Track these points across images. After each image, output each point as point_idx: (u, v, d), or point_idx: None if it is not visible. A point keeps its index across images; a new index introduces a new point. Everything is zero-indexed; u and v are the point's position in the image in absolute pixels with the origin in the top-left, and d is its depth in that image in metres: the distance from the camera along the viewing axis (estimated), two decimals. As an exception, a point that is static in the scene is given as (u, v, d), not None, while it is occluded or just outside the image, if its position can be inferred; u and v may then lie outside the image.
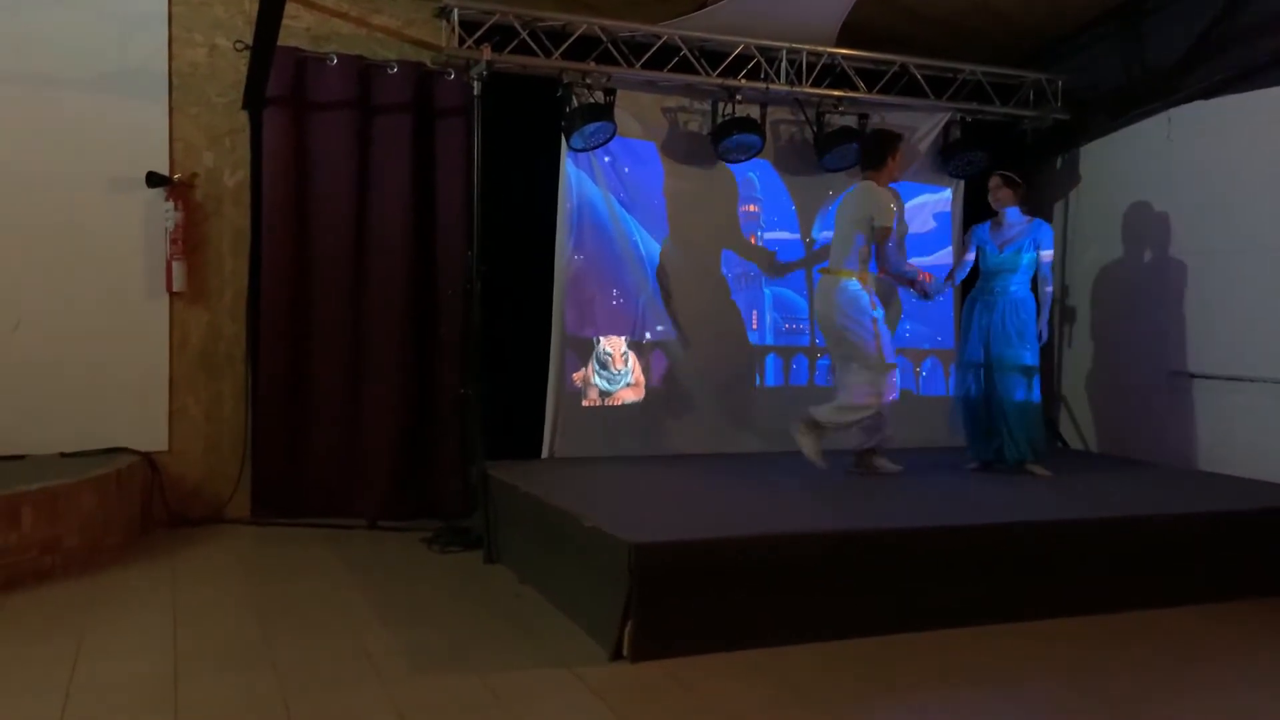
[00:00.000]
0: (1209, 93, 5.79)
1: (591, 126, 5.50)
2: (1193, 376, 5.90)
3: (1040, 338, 5.58)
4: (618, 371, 5.88)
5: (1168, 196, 6.05)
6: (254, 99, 5.42)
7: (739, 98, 5.90)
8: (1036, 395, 5.52)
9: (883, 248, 5.20)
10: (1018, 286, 5.54)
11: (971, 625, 3.88)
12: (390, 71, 5.62)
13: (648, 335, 5.97)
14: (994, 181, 5.66)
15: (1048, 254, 5.58)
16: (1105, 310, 6.51)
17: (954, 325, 6.65)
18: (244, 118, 5.55)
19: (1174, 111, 6.00)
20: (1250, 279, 5.56)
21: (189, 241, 5.47)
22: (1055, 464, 5.75)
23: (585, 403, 5.84)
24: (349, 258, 5.65)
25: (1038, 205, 6.88)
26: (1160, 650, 3.76)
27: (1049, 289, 5.64)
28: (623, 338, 5.92)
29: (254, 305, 5.58)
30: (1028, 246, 5.53)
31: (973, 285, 5.77)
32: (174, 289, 5.45)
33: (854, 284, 5.17)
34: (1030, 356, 5.50)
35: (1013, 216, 5.61)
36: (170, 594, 4.21)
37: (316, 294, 5.62)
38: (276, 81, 5.42)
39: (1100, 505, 4.63)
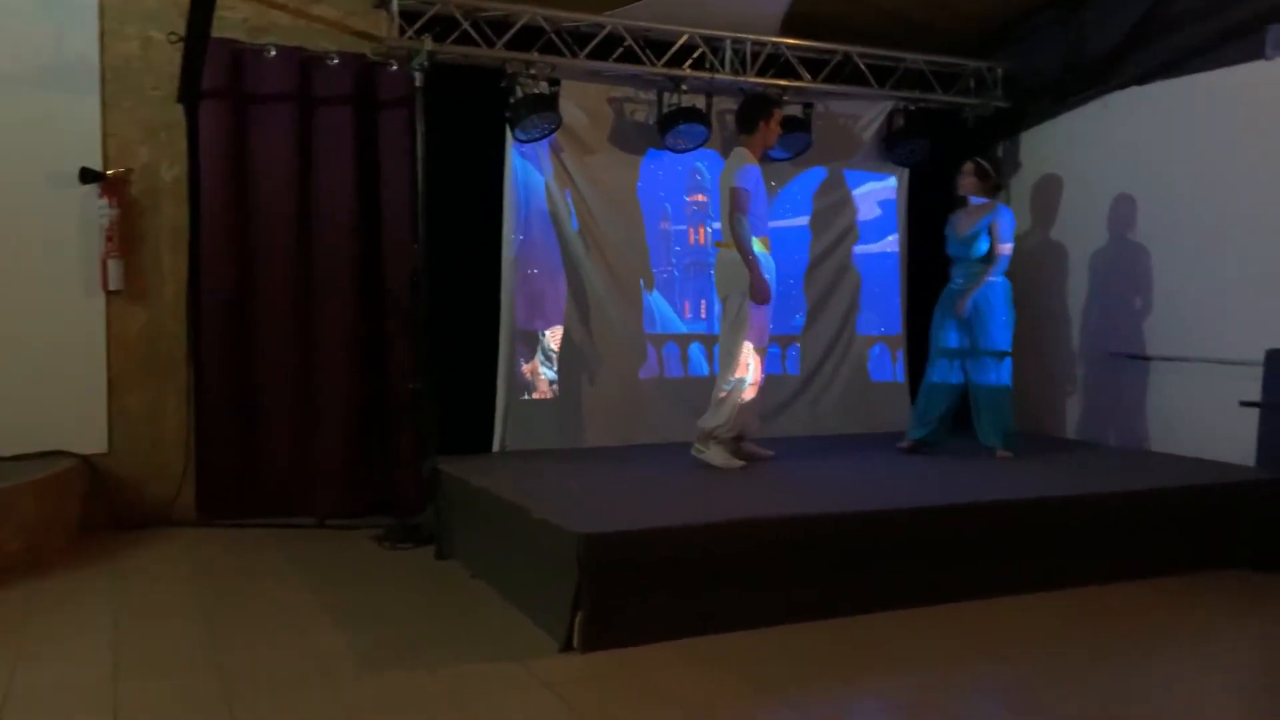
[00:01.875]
0: (1143, 79, 5.89)
1: (536, 117, 5.46)
2: (1133, 358, 6.01)
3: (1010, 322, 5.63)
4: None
5: (1105, 181, 6.16)
6: (190, 92, 5.31)
7: (684, 87, 5.89)
8: (1007, 379, 5.61)
9: (734, 213, 4.99)
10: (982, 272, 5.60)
11: (922, 606, 3.93)
12: (331, 63, 5.54)
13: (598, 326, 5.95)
14: (966, 168, 5.70)
15: (1008, 246, 5.56)
16: (1048, 294, 6.61)
17: (899, 312, 6.72)
18: (180, 111, 5.44)
19: (1110, 97, 6.11)
20: (1185, 259, 5.68)
21: (125, 238, 5.36)
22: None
23: (536, 395, 5.82)
24: (292, 253, 5.57)
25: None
26: (1112, 626, 3.84)
27: (1002, 265, 5.61)
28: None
29: (195, 302, 5.47)
30: (985, 234, 5.58)
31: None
32: (110, 287, 5.33)
33: (732, 254, 5.04)
34: (1001, 341, 5.58)
35: (978, 204, 5.67)
36: (111, 598, 4.13)
37: (260, 290, 5.54)
38: (213, 74, 5.32)
39: (1049, 485, 4.70)
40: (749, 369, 5.07)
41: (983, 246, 5.57)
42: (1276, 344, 4.99)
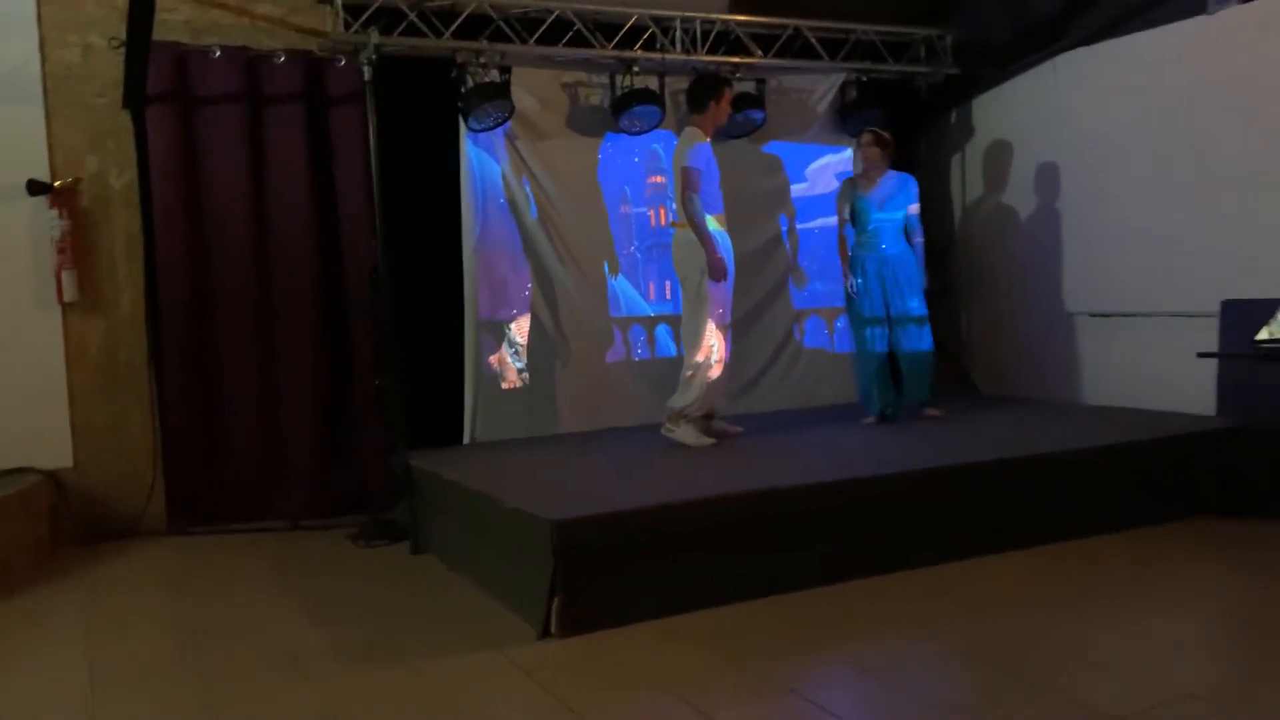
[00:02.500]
0: (1090, 38, 5.95)
1: (489, 106, 5.43)
2: (1092, 315, 6.09)
3: (924, 286, 5.74)
4: (528, 360, 5.85)
5: (1057, 143, 6.21)
6: (135, 97, 5.23)
7: (636, 69, 5.88)
8: (929, 343, 5.73)
9: (684, 191, 4.99)
10: (897, 240, 5.67)
11: (897, 572, 3.98)
12: (277, 61, 5.48)
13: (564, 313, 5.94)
14: (867, 139, 5.72)
15: (915, 207, 5.72)
16: (1007, 257, 6.68)
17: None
18: (126, 117, 5.36)
19: (1059, 59, 6.15)
20: (1139, 216, 5.74)
21: (78, 249, 5.28)
22: (967, 409, 5.96)
23: (505, 385, 5.80)
24: (250, 255, 5.51)
25: (935, 158, 7.03)
26: (1082, 579, 3.90)
27: (919, 240, 5.75)
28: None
29: (153, 310, 5.41)
30: (902, 202, 5.66)
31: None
32: (65, 299, 5.25)
33: (688, 234, 5.03)
34: (921, 307, 5.70)
35: (888, 173, 5.71)
36: (84, 611, 4.09)
37: (219, 295, 5.48)
38: (157, 78, 5.25)
39: (1014, 445, 4.76)
40: (713, 348, 5.08)
41: (901, 211, 5.64)
42: (1231, 295, 5.06)
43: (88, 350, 5.38)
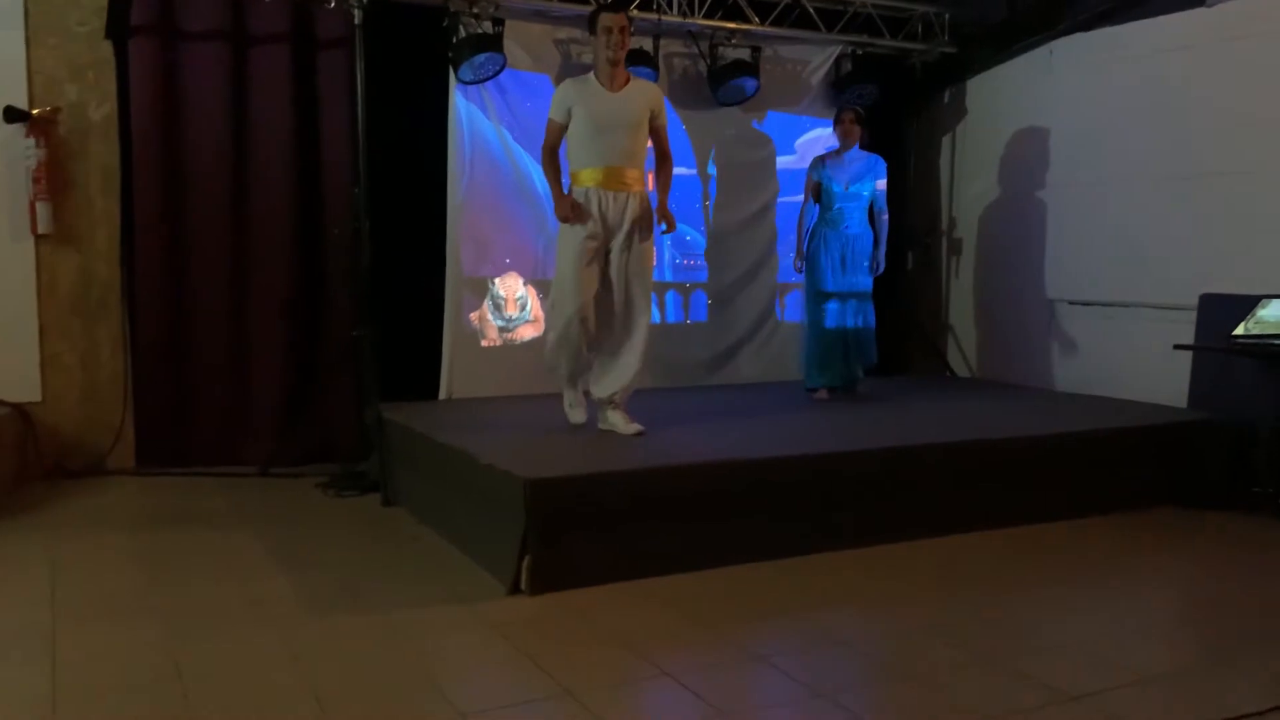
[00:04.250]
0: (1088, 25, 5.94)
1: (480, 58, 5.35)
2: (1073, 303, 6.12)
3: (877, 268, 5.76)
4: (511, 316, 5.81)
5: (1050, 128, 6.22)
6: (117, 28, 5.12)
7: (631, 30, 5.79)
8: (873, 319, 5.79)
9: (544, 144, 4.54)
10: (862, 219, 5.70)
11: (867, 546, 4.01)
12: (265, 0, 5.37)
13: (550, 274, 5.89)
14: (848, 116, 5.70)
15: (883, 183, 5.73)
16: (991, 240, 6.70)
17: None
18: (108, 48, 5.23)
19: (1055, 44, 6.14)
20: (1124, 206, 5.77)
21: (54, 180, 5.17)
22: (940, 391, 6.00)
23: (484, 343, 5.77)
24: (228, 196, 5.43)
25: (926, 137, 7.02)
26: (1045, 563, 3.95)
27: (885, 217, 5.77)
28: (520, 278, 5.84)
29: (128, 246, 5.33)
30: (869, 180, 5.67)
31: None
32: (39, 231, 5.15)
33: (570, 192, 4.49)
34: (869, 284, 5.75)
35: (856, 152, 5.71)
36: (47, 546, 4.05)
37: (195, 234, 5.40)
38: (141, 9, 5.15)
39: (989, 427, 4.80)
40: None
41: (868, 189, 5.68)
42: (1210, 289, 5.10)
43: (60, 284, 5.29)
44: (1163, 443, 4.86)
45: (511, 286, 5.81)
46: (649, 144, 4.59)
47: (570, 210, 4.42)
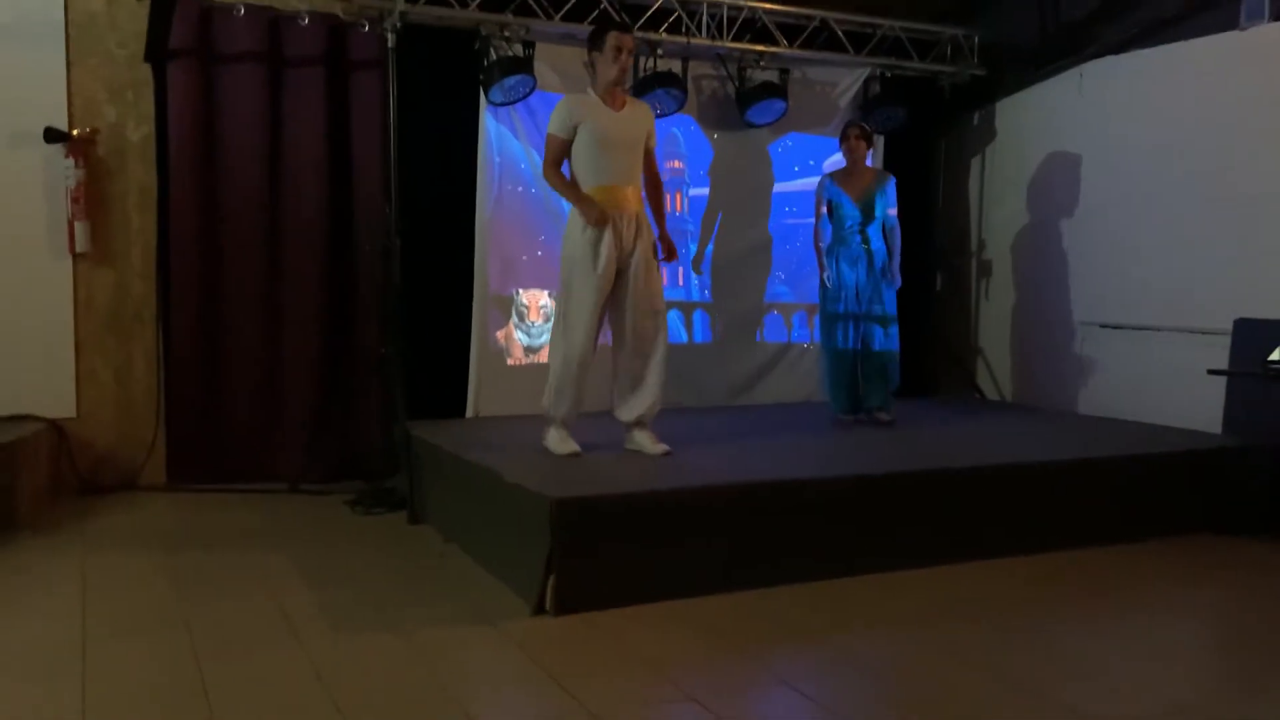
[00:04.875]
0: (1119, 47, 5.91)
1: (511, 80, 5.40)
2: (1104, 326, 6.06)
3: (893, 281, 5.67)
4: (534, 324, 5.82)
5: (1080, 150, 6.18)
6: (157, 50, 5.22)
7: (660, 52, 5.85)
8: (895, 344, 5.64)
9: (546, 161, 4.48)
10: (876, 237, 5.60)
11: (896, 571, 3.97)
12: (301, 23, 5.44)
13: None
14: (853, 132, 5.63)
15: (894, 211, 5.65)
16: (1021, 263, 6.65)
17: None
18: (147, 70, 5.34)
19: (1086, 66, 6.11)
20: (1157, 229, 5.72)
21: (92, 200, 5.27)
22: (970, 414, 5.94)
23: (510, 361, 5.79)
24: (262, 215, 5.50)
25: (955, 159, 7.00)
26: (1076, 589, 3.89)
27: (897, 230, 5.66)
28: (545, 291, 5.86)
29: (163, 264, 5.41)
30: (878, 196, 5.58)
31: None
32: (77, 249, 5.24)
33: (575, 214, 4.45)
34: (894, 306, 5.63)
35: (863, 168, 5.65)
36: (79, 561, 4.09)
37: (229, 252, 5.47)
38: (181, 32, 5.24)
39: (1020, 452, 4.75)
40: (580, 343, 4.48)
41: (880, 207, 5.59)
42: (1245, 313, 5.04)
43: (96, 301, 5.37)
44: (1199, 468, 4.78)
45: (535, 296, 5.83)
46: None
47: (600, 212, 4.31)
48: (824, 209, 5.68)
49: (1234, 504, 4.73)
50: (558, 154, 4.44)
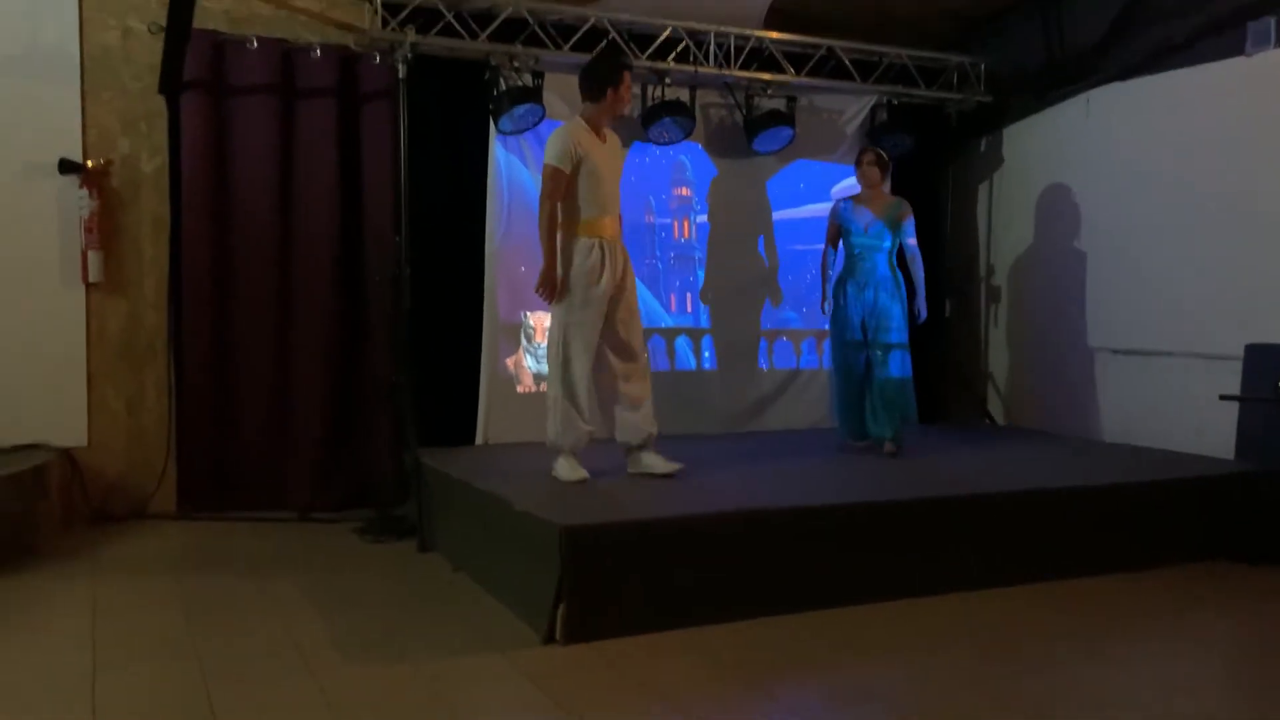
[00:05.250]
0: (1125, 74, 5.93)
1: (520, 109, 5.45)
2: (1115, 352, 6.05)
3: (920, 316, 5.62)
4: (540, 346, 5.81)
5: (1088, 176, 6.19)
6: (170, 83, 5.27)
7: (668, 80, 5.89)
8: (910, 370, 5.52)
9: (542, 195, 4.42)
10: (884, 262, 5.51)
11: (906, 599, 3.94)
12: (313, 55, 5.50)
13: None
14: (867, 158, 5.56)
15: (913, 241, 5.55)
16: (1029, 288, 6.65)
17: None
18: (161, 102, 5.40)
19: (1092, 93, 6.13)
20: (1167, 255, 5.71)
21: (105, 230, 5.31)
22: (982, 440, 5.90)
23: (520, 388, 5.80)
24: (274, 245, 5.54)
25: (963, 186, 7.02)
26: (1089, 617, 3.86)
27: (919, 260, 5.59)
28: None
29: (175, 294, 5.44)
30: (891, 222, 5.50)
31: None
32: (90, 279, 5.28)
33: (574, 244, 4.44)
34: (904, 334, 5.50)
35: (877, 194, 5.58)
36: (90, 590, 4.10)
37: (241, 282, 5.51)
38: (194, 65, 5.29)
39: (1032, 479, 4.73)
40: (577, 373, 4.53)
41: (890, 234, 5.49)
42: (1256, 339, 5.02)
43: (108, 331, 5.41)
44: (1212, 495, 4.75)
45: (541, 319, 5.84)
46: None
47: (552, 290, 4.38)
48: (835, 234, 5.66)
49: (1247, 531, 4.69)
50: (561, 190, 4.41)
